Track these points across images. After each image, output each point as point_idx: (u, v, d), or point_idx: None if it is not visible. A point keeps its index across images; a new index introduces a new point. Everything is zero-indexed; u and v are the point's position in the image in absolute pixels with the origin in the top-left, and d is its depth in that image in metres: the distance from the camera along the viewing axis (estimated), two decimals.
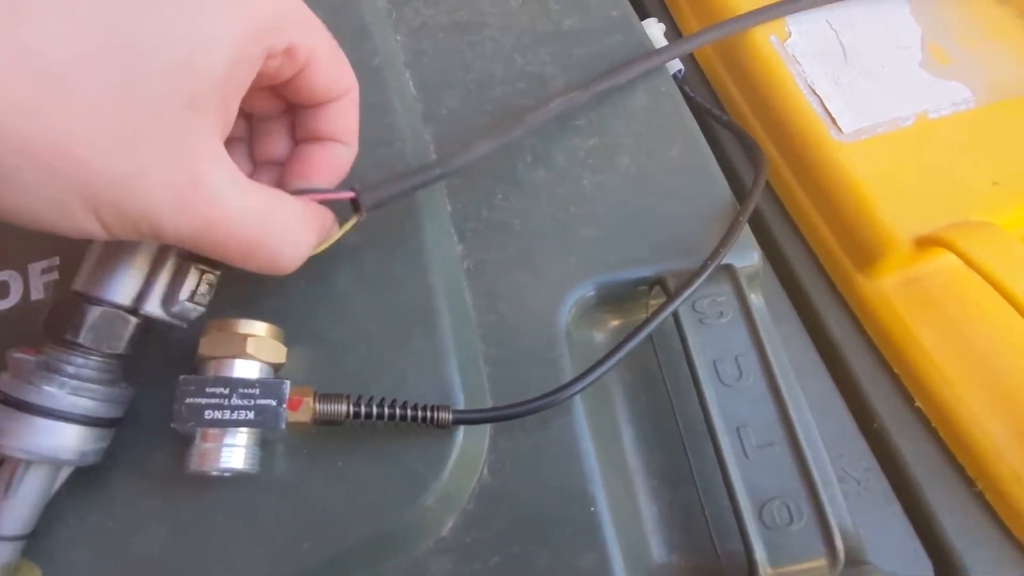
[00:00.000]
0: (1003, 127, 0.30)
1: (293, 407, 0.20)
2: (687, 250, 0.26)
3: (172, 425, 0.19)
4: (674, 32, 0.38)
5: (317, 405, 0.20)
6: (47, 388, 0.19)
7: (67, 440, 0.19)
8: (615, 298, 0.26)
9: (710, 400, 0.23)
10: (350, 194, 0.21)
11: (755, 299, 0.27)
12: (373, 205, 0.21)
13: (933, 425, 0.27)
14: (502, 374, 0.25)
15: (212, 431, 0.19)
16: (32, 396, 0.19)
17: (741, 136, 0.32)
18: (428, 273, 0.25)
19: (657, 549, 0.23)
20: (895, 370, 0.28)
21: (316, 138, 0.22)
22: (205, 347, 0.20)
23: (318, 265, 0.23)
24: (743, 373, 0.23)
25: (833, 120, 0.30)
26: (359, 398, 0.21)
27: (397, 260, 0.25)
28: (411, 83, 0.31)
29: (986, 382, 0.26)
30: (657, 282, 0.25)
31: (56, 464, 0.20)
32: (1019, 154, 0.29)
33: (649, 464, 0.24)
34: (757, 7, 0.33)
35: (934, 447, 0.27)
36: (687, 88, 0.34)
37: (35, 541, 0.20)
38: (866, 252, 0.28)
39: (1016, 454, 0.24)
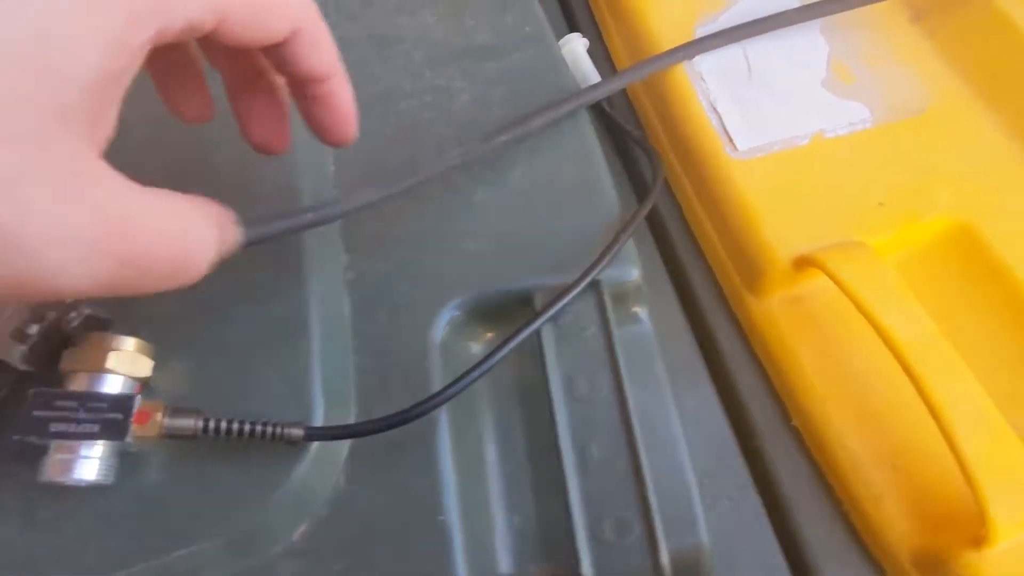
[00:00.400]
0: (895, 147, 0.30)
1: (140, 421, 0.21)
2: (566, 265, 0.27)
3: (14, 437, 0.20)
4: (600, 46, 0.39)
5: (165, 420, 0.21)
6: None
7: None
8: (491, 312, 0.27)
9: (558, 413, 0.23)
10: None
11: (640, 312, 0.28)
12: (252, 242, 0.21)
13: (806, 444, 0.27)
14: (372, 385, 0.25)
15: (67, 442, 0.20)
16: None
17: (648, 153, 0.33)
18: (306, 283, 0.26)
19: (509, 559, 0.23)
20: (776, 388, 0.28)
21: (299, 81, 0.21)
22: (66, 361, 0.21)
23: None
24: (595, 389, 0.24)
25: (730, 138, 0.31)
26: (208, 417, 0.22)
27: (276, 270, 0.26)
28: None
29: (852, 403, 0.26)
30: (528, 299, 0.26)
31: None
32: (907, 175, 0.29)
33: (512, 477, 0.25)
34: (679, 39, 0.33)
35: (806, 466, 0.27)
36: (605, 103, 0.35)
37: None
38: (753, 270, 0.29)
39: (874, 474, 0.25)
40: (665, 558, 0.21)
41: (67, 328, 0.23)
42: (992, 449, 0.22)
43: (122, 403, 0.21)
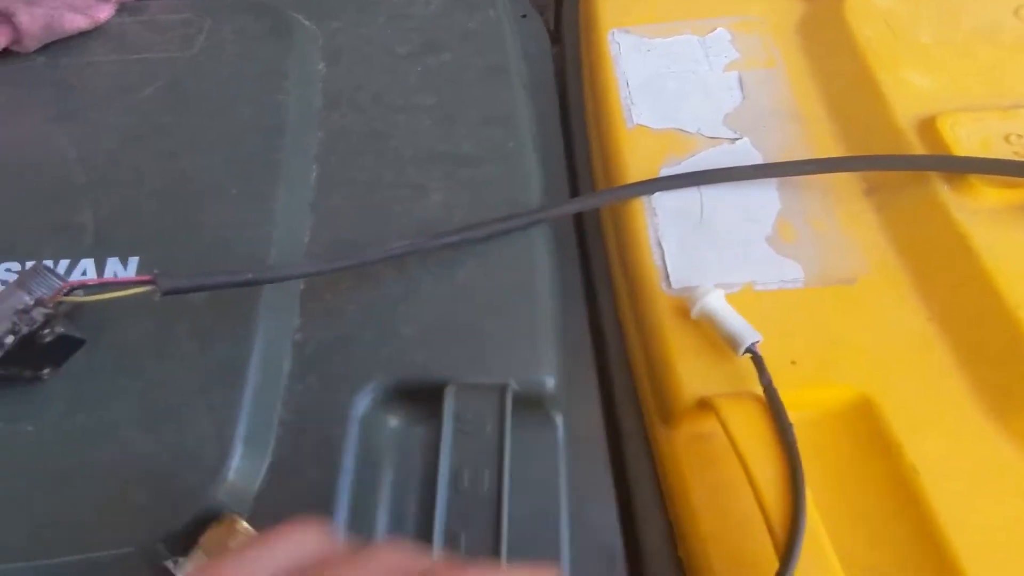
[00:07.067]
0: (818, 311, 0.31)
1: None
2: (488, 365, 0.30)
3: None
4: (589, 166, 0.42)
5: None
6: None
7: None
8: (409, 395, 0.29)
9: (438, 501, 0.25)
10: (147, 278, 0.25)
11: (556, 418, 0.30)
12: (169, 291, 0.25)
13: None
14: (290, 441, 0.28)
15: None
16: None
17: None
18: (254, 335, 0.29)
19: None
20: (670, 517, 0.29)
21: None
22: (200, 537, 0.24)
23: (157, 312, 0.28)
24: (479, 483, 0.26)
25: (667, 273, 0.33)
26: None
27: (232, 318, 0.29)
28: (314, 176, 0.36)
29: (731, 546, 0.27)
30: (438, 391, 0.28)
31: None
32: (823, 339, 0.31)
33: None
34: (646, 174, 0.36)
35: None
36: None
37: None
38: (665, 402, 0.31)
39: None
40: None
41: (40, 342, 0.26)
42: None
43: None
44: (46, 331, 0.26)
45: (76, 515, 0.25)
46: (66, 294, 0.25)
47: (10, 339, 0.25)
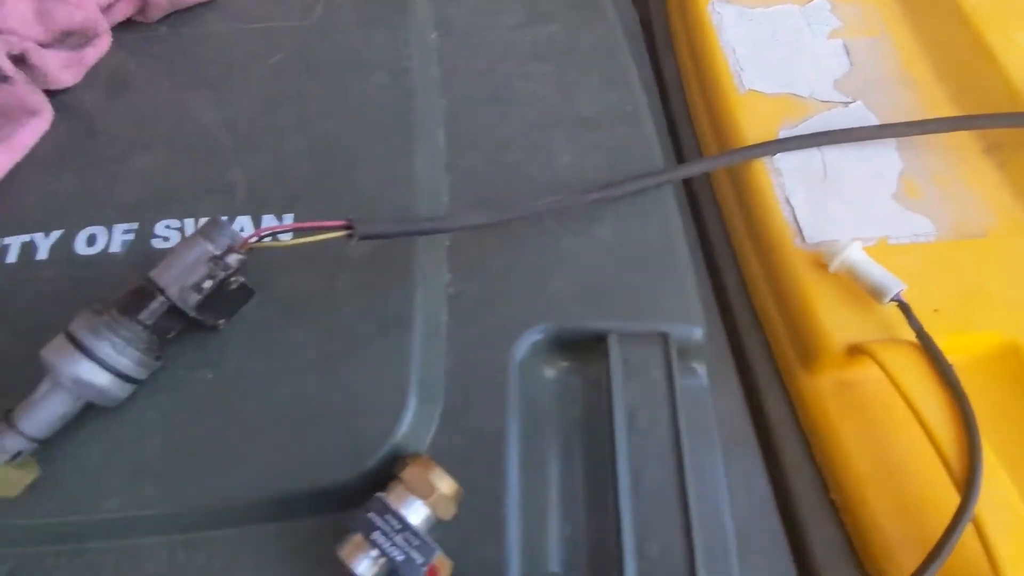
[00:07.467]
0: (954, 262, 0.32)
1: (431, 573, 0.23)
2: (637, 315, 0.30)
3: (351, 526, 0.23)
4: (690, 131, 0.43)
5: None
6: (101, 342, 0.25)
7: (99, 382, 0.25)
8: (566, 344, 0.30)
9: (619, 443, 0.26)
10: (341, 223, 0.26)
11: (699, 369, 0.31)
12: (365, 235, 0.26)
13: (842, 518, 0.29)
14: (457, 387, 0.29)
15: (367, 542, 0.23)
16: (90, 343, 0.25)
17: None
18: (413, 289, 0.30)
19: (558, 562, 0.26)
20: (818, 461, 0.30)
21: None
22: (402, 472, 0.24)
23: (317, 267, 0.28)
24: (654, 423, 0.26)
25: (800, 229, 0.34)
26: None
27: (390, 275, 0.30)
28: (442, 139, 0.37)
29: (890, 487, 0.28)
30: (602, 337, 0.29)
31: (80, 396, 0.25)
32: (964, 288, 0.31)
33: (567, 493, 0.28)
34: (763, 137, 0.37)
35: (840, 537, 0.28)
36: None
37: (45, 450, 0.26)
38: (808, 350, 0.31)
39: (903, 557, 0.26)
40: None
41: (227, 289, 0.27)
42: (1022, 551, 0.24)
43: (426, 551, 0.23)
44: (233, 279, 0.27)
45: (267, 455, 0.26)
46: (257, 241, 0.26)
47: (208, 283, 0.25)
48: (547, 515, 0.27)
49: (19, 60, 0.33)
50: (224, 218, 0.28)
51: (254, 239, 0.26)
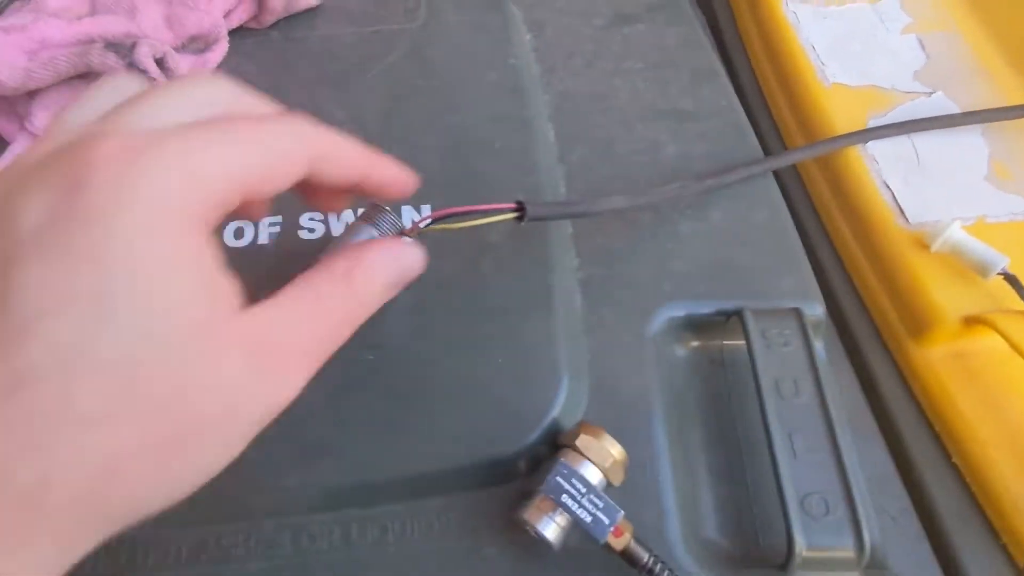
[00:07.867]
0: None
1: (616, 534, 0.24)
2: (758, 292, 0.32)
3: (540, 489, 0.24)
4: (769, 122, 0.45)
5: (632, 543, 0.24)
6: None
7: None
8: (696, 323, 0.32)
9: (769, 409, 0.27)
10: (512, 205, 0.28)
11: (817, 345, 0.32)
12: (534, 217, 0.28)
13: (966, 480, 0.30)
14: (601, 364, 0.30)
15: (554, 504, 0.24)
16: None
17: None
18: (550, 274, 0.31)
19: (714, 525, 0.27)
20: (936, 429, 0.32)
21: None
22: (576, 440, 0.25)
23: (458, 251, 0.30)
24: (799, 391, 0.28)
25: (901, 211, 0.36)
26: (655, 558, 0.24)
27: (526, 262, 0.32)
28: (552, 133, 0.38)
29: (1016, 449, 0.29)
30: (736, 314, 0.31)
31: None
32: None
33: (711, 464, 0.29)
34: (853, 127, 0.39)
35: (966, 500, 0.30)
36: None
37: None
38: (919, 324, 0.33)
39: None
40: (867, 535, 0.24)
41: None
42: None
43: (611, 512, 0.24)
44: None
45: (435, 431, 0.28)
46: (428, 224, 0.28)
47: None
48: (698, 482, 0.28)
49: (158, 63, 0.34)
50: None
51: (425, 222, 0.27)
